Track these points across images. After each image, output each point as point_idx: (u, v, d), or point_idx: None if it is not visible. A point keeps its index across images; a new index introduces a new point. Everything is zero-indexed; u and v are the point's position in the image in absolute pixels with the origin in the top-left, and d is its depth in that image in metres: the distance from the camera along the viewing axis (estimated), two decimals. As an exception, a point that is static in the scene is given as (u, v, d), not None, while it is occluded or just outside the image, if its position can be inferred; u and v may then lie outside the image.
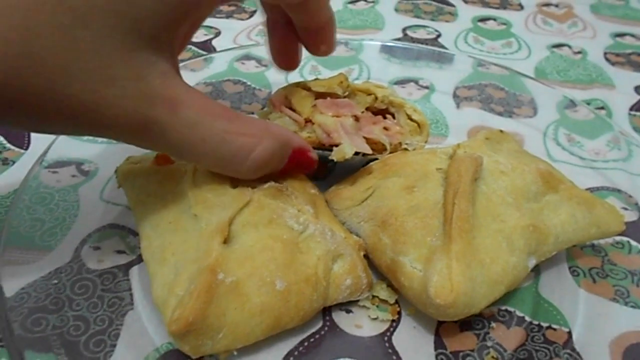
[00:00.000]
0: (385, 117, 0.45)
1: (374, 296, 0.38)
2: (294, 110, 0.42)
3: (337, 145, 0.39)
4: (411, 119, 0.44)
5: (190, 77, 0.61)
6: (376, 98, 0.44)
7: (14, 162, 0.50)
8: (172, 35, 0.30)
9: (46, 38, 0.25)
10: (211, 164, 0.34)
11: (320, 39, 0.42)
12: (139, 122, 0.29)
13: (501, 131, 0.44)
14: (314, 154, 0.38)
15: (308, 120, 0.41)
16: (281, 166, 0.36)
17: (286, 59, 0.44)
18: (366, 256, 0.38)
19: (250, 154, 0.32)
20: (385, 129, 0.43)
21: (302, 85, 0.43)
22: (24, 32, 0.25)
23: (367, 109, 0.44)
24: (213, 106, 0.31)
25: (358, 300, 0.37)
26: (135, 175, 0.39)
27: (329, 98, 0.42)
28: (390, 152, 0.42)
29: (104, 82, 0.27)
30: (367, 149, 0.40)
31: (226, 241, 0.33)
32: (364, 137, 0.41)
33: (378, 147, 0.42)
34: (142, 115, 0.28)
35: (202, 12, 0.33)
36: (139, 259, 0.40)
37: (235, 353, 0.33)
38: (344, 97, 0.43)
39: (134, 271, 0.39)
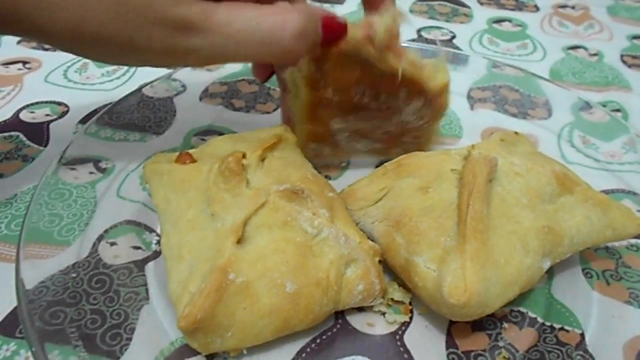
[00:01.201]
0: None
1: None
2: None
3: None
4: None
5: (206, 76, 0.62)
6: None
7: (33, 159, 0.51)
8: None
9: None
10: (255, 51, 0.36)
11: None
12: (180, 22, 0.33)
13: (516, 133, 0.44)
14: (342, 19, 0.39)
15: None
16: (319, 38, 0.38)
17: (262, 74, 0.48)
18: (381, 261, 0.37)
19: (285, 28, 0.35)
20: None
21: None
22: None
23: None
24: (239, 3, 0.35)
25: (372, 306, 0.37)
26: (161, 173, 0.40)
27: None
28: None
29: None
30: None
31: (240, 241, 0.33)
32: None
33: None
34: (181, 15, 0.33)
35: None
36: (155, 255, 0.40)
37: (245, 352, 0.34)
38: None
39: (150, 267, 0.40)
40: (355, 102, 0.43)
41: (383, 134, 0.46)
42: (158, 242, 0.41)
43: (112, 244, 0.41)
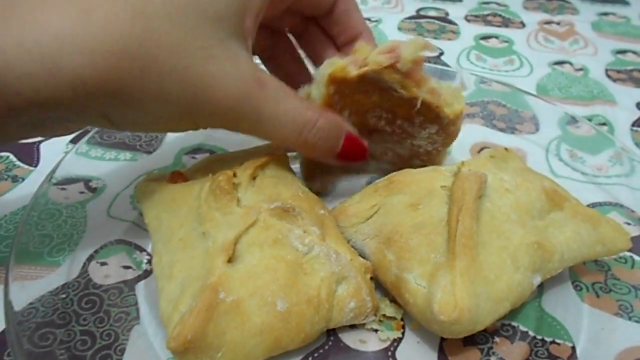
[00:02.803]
0: None
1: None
2: None
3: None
4: None
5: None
6: None
7: (23, 179, 0.51)
8: (242, 27, 0.35)
9: (160, 21, 0.31)
10: (289, 134, 0.38)
11: None
12: (236, 95, 0.34)
13: (506, 149, 0.44)
14: (365, 142, 0.41)
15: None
16: (338, 148, 0.40)
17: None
18: (373, 279, 0.37)
19: (316, 124, 0.38)
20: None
21: None
22: (145, 16, 0.31)
23: None
24: (286, 87, 0.38)
25: (365, 324, 0.37)
26: (152, 192, 0.40)
27: None
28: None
29: (206, 59, 0.33)
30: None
31: (231, 260, 0.33)
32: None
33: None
34: (238, 89, 0.34)
35: (257, 9, 0.37)
36: (145, 275, 0.40)
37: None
38: None
39: (140, 286, 0.39)
40: (371, 126, 0.44)
41: (393, 156, 0.46)
42: (149, 262, 0.41)
43: (103, 263, 0.41)
